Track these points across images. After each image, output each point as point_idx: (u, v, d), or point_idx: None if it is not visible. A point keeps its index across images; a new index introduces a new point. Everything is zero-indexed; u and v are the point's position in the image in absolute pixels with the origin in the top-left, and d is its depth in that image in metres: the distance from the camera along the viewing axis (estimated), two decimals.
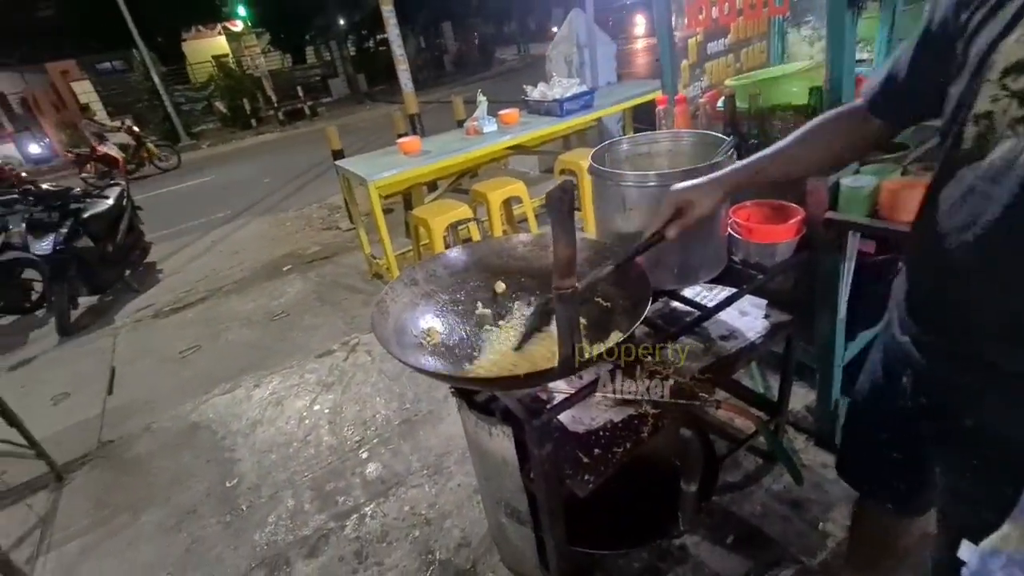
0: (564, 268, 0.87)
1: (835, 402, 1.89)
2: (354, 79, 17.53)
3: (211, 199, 7.53)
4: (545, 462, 1.18)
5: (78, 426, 2.93)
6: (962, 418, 0.84)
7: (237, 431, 2.69)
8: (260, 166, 9.23)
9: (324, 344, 3.32)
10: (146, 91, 13.21)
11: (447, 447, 2.33)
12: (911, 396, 0.93)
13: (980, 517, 0.73)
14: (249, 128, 13.84)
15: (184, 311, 4.20)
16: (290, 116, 14.08)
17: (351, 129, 10.63)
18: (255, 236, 5.70)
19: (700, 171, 1.23)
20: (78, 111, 10.87)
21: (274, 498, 2.24)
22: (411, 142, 3.62)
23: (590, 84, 4.52)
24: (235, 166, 9.76)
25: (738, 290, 1.44)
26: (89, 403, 3.13)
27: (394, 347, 1.11)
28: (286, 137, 12.32)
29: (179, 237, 6.02)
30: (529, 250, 1.46)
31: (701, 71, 2.06)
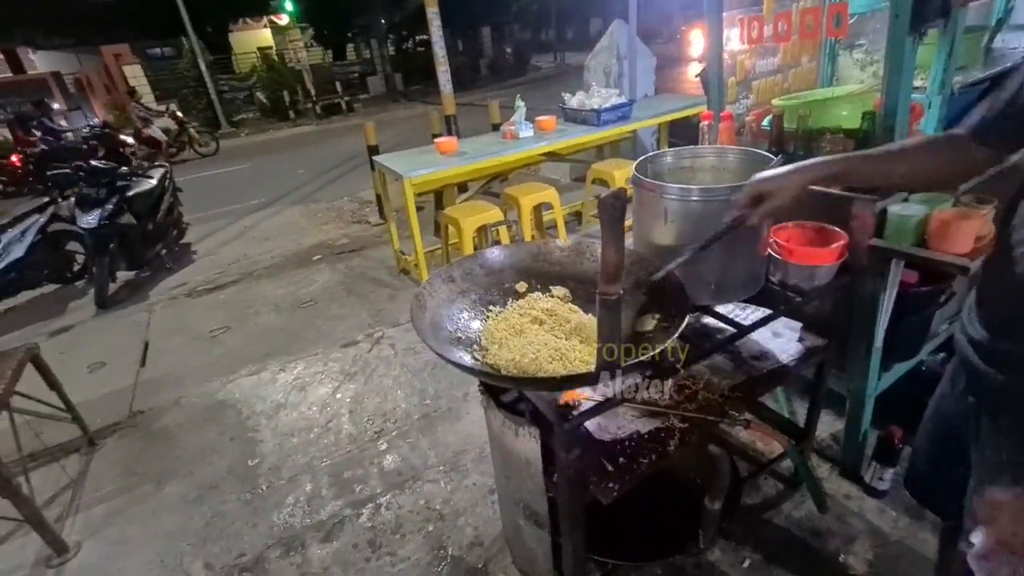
0: (611, 274, 0.88)
1: (864, 432, 1.85)
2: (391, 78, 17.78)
3: (246, 186, 7.70)
4: (571, 467, 1.18)
5: (111, 395, 3.02)
6: (1000, 416, 0.88)
7: (261, 412, 2.74)
8: (295, 157, 9.40)
9: (349, 334, 3.36)
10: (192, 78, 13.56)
11: (464, 445, 2.34)
12: (962, 395, 0.97)
13: None
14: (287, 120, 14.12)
15: (216, 292, 4.30)
16: (327, 110, 14.33)
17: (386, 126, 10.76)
18: (287, 225, 5.81)
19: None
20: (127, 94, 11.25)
21: (293, 481, 2.27)
22: (448, 142, 3.66)
23: (628, 96, 4.52)
24: (271, 156, 9.96)
25: (774, 311, 1.43)
26: (123, 374, 3.23)
27: (431, 340, 1.13)
28: (322, 130, 12.53)
29: (214, 220, 6.17)
30: (565, 256, 1.46)
31: (748, 89, 2.05)
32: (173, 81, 14.12)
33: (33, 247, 4.05)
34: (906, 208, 1.40)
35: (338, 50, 22.03)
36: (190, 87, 13.77)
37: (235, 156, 10.16)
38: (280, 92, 14.36)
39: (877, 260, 1.49)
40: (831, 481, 1.93)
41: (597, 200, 0.91)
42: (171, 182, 5.13)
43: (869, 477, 1.84)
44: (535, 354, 1.20)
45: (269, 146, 11.14)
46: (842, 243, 1.42)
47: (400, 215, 4.58)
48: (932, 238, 1.36)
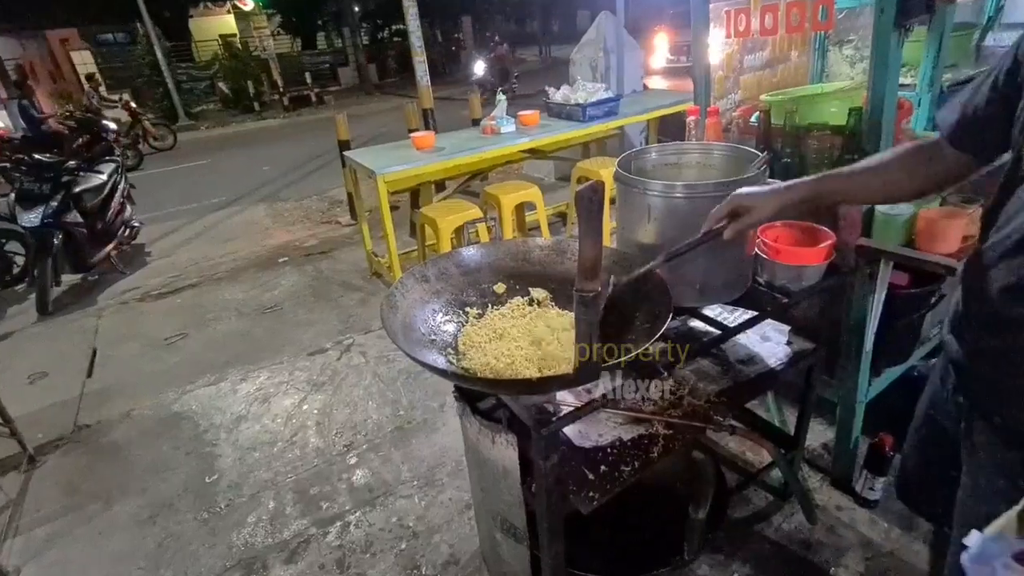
0: (589, 270, 0.90)
1: (855, 440, 1.90)
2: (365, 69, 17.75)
3: (206, 183, 7.62)
4: (549, 475, 1.20)
5: (54, 407, 2.96)
6: (991, 415, 0.92)
7: (220, 425, 2.71)
8: (260, 152, 9.33)
9: (317, 342, 3.35)
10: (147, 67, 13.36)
11: (440, 459, 2.34)
12: (952, 395, 1.01)
13: (996, 511, 0.78)
14: (251, 112, 14.01)
15: (172, 296, 4.24)
16: (295, 103, 14.26)
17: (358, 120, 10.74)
18: (250, 225, 5.76)
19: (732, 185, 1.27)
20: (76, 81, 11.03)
21: (255, 498, 2.25)
22: (425, 137, 3.68)
23: (615, 91, 4.59)
24: (234, 151, 9.87)
25: (761, 313, 1.47)
26: (67, 385, 3.16)
27: (402, 342, 1.14)
28: (289, 124, 12.46)
29: (170, 220, 6.09)
30: (546, 255, 1.49)
31: (735, 84, 2.11)
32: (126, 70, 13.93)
33: None
34: (893, 207, 1.46)
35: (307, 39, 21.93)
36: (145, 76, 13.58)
37: (194, 151, 10.04)
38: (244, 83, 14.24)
39: (865, 260, 1.55)
40: (822, 491, 1.99)
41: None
42: (123, 177, 5.05)
43: (860, 487, 1.89)
44: (511, 357, 1.22)
45: (231, 140, 11.04)
46: (830, 243, 1.47)
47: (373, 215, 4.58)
48: (919, 237, 1.42)
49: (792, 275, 1.47)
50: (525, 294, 1.43)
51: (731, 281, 1.42)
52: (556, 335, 1.29)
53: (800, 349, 1.61)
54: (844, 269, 1.57)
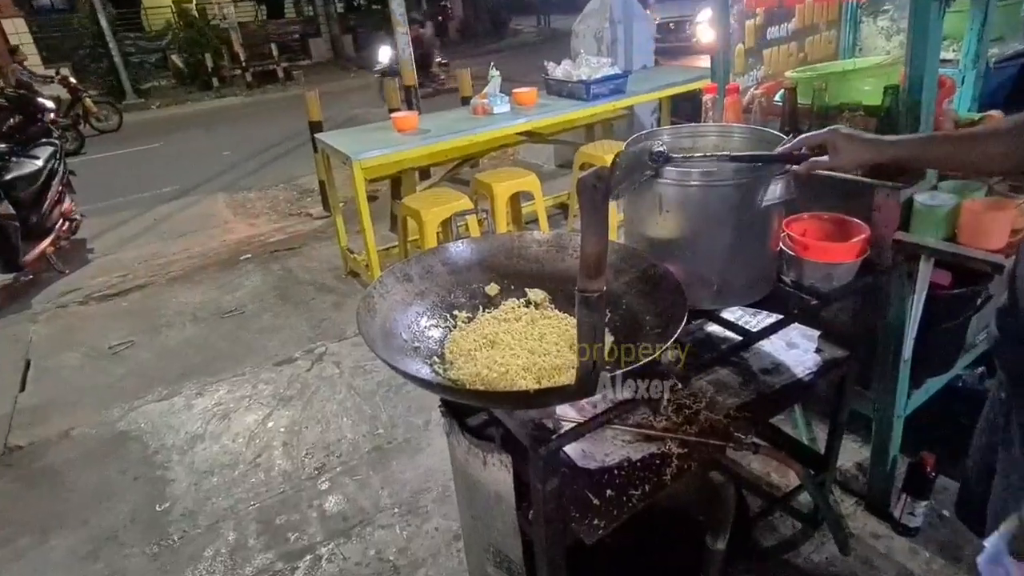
0: (593, 267, 0.90)
1: (893, 460, 1.92)
2: (339, 41, 17.72)
3: (158, 170, 7.59)
4: (549, 500, 1.20)
5: None
6: None
7: (173, 446, 2.70)
8: (219, 135, 9.32)
9: (284, 350, 3.35)
10: (90, 36, 13.29)
11: (425, 483, 2.35)
12: (996, 392, 1.06)
13: None
14: (209, 89, 13.95)
15: (118, 299, 4.23)
16: (260, 78, 14.20)
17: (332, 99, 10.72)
18: (208, 217, 5.75)
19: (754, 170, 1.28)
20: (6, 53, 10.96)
21: (212, 529, 2.24)
22: (408, 118, 3.69)
23: (623, 66, 4.61)
24: (189, 133, 9.83)
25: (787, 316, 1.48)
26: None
27: (381, 350, 1.14)
28: (253, 103, 12.44)
29: (116, 212, 6.07)
30: (544, 251, 1.49)
31: (758, 59, 2.13)
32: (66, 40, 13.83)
33: None
34: (934, 197, 1.48)
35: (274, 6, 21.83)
36: (87, 47, 13.50)
37: (143, 132, 10.00)
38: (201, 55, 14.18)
39: (903, 257, 1.56)
40: (856, 518, 2.00)
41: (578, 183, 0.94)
42: (62, 163, 5.02)
43: (899, 512, 1.91)
44: (505, 367, 1.22)
45: (187, 121, 11.00)
46: (863, 237, 1.49)
47: (348, 206, 4.59)
48: (963, 231, 1.43)
49: (822, 274, 1.49)
50: (521, 295, 1.44)
51: (754, 280, 1.43)
52: (556, 342, 1.29)
53: (831, 357, 1.62)
54: (880, 267, 1.59)
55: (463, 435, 1.37)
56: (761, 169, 1.29)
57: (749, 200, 1.29)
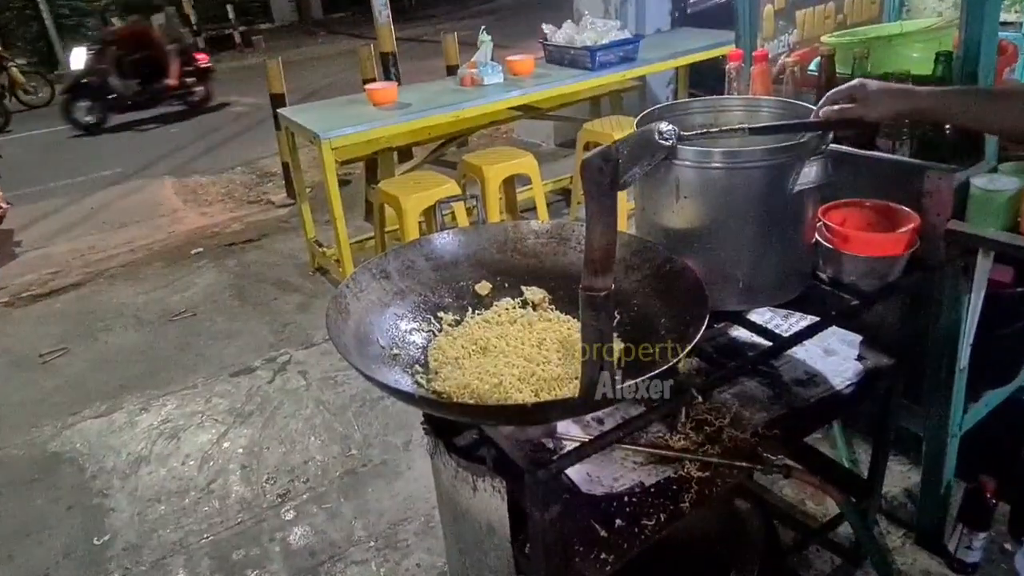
0: (599, 262, 0.90)
1: (947, 485, 1.92)
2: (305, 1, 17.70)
3: (94, 151, 7.60)
4: (549, 531, 1.20)
5: None
6: None
7: (113, 469, 2.70)
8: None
9: (242, 359, 3.35)
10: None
11: (405, 512, 2.35)
12: None
13: None
14: None
15: (49, 299, 4.22)
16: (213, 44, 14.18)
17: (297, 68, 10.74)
18: (153, 205, 5.75)
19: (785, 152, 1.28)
20: None
21: (159, 566, 2.25)
22: (385, 90, 3.69)
23: (634, 30, 4.61)
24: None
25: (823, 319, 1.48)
26: None
27: (355, 358, 1.14)
28: None
29: (46, 199, 6.08)
30: (543, 243, 1.50)
31: (790, 21, 2.13)
32: None
33: None
34: (995, 181, 1.48)
35: None
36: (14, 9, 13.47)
37: None
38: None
39: (958, 250, 1.57)
40: (904, 552, 2.01)
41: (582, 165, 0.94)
42: None
43: (954, 546, 1.91)
44: (499, 377, 1.22)
45: None
46: (912, 227, 1.49)
47: (316, 192, 4.58)
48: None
49: (864, 269, 1.48)
50: (516, 295, 1.44)
51: (785, 277, 1.43)
52: (556, 348, 1.29)
53: (875, 366, 1.63)
54: (931, 261, 1.59)
55: (450, 456, 1.37)
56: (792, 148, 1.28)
57: (779, 184, 1.29)
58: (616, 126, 3.93)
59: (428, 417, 1.45)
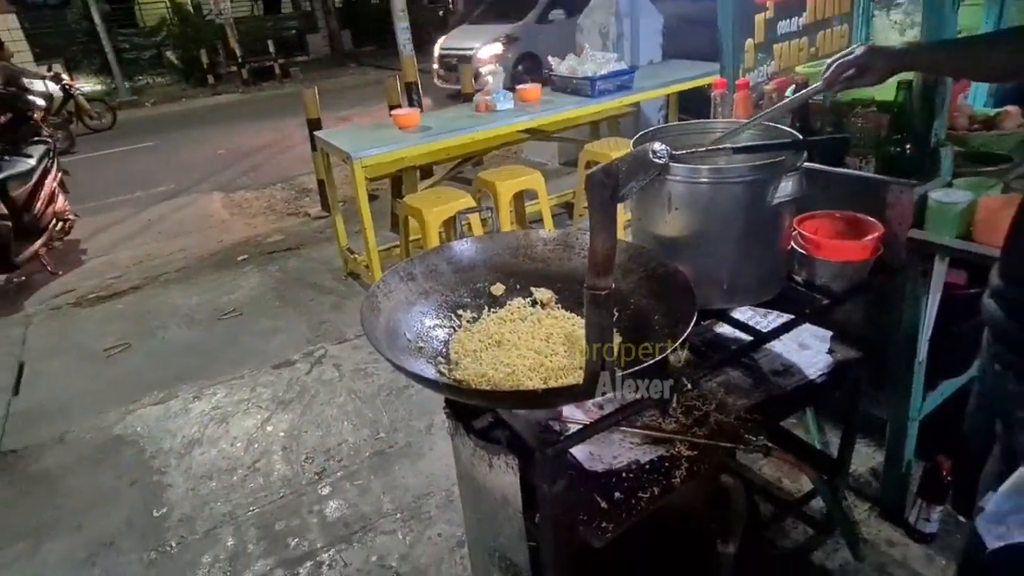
0: (601, 265, 0.92)
1: (908, 464, 1.92)
2: (337, 36, 17.78)
3: (152, 169, 7.63)
4: (556, 503, 1.21)
5: None
6: None
7: (170, 450, 2.72)
8: (215, 133, 9.34)
9: (283, 353, 3.36)
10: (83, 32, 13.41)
11: (427, 488, 2.36)
12: (989, 366, 1.08)
13: None
14: (205, 86, 14.01)
15: (112, 301, 4.24)
16: (256, 75, 14.26)
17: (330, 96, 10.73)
18: (204, 217, 5.78)
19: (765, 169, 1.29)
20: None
21: (211, 535, 2.26)
22: (409, 115, 3.70)
23: (629, 62, 4.62)
24: (184, 131, 9.86)
25: (798, 316, 1.49)
26: None
27: (385, 349, 1.16)
28: (249, 100, 12.48)
29: (109, 212, 6.11)
30: (550, 250, 1.51)
31: (768, 53, 2.14)
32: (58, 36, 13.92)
33: None
34: (949, 194, 1.49)
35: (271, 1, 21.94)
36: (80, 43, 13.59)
37: (138, 131, 10.03)
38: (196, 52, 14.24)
39: (918, 256, 1.57)
40: (870, 524, 2.01)
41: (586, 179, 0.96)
42: (55, 162, 5.05)
43: (914, 518, 1.91)
44: (512, 367, 1.24)
45: (182, 119, 11.04)
46: (877, 235, 1.50)
47: (348, 206, 4.61)
48: (979, 229, 1.44)
49: (834, 272, 1.50)
50: (527, 295, 1.45)
51: (764, 279, 1.44)
52: (562, 342, 1.30)
53: (844, 358, 1.63)
54: (894, 266, 1.60)
55: (469, 437, 1.38)
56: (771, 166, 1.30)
57: (759, 197, 1.31)
58: (614, 147, 3.94)
59: (449, 402, 1.46)
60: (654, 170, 1.14)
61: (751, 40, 2.10)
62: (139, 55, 15.38)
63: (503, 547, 1.46)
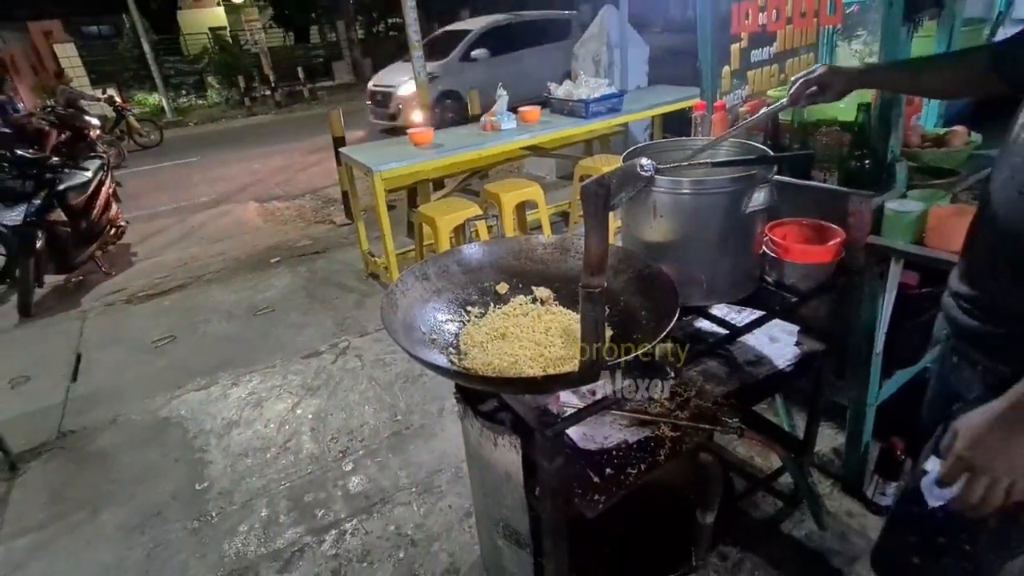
0: (595, 265, 0.92)
1: (866, 445, 1.92)
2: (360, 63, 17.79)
3: (195, 182, 7.64)
4: (553, 478, 1.22)
5: (37, 413, 2.97)
6: (977, 364, 1.00)
7: (211, 431, 2.73)
8: (251, 149, 9.36)
9: (311, 344, 3.37)
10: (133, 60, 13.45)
11: (439, 464, 2.36)
12: (947, 358, 1.08)
13: None
14: (242, 108, 14.04)
15: (159, 298, 4.26)
16: (287, 98, 14.29)
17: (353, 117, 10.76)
18: (240, 224, 5.79)
19: (739, 181, 1.30)
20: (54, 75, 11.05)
21: (247, 506, 2.27)
22: (423, 133, 3.71)
23: (619, 86, 4.62)
24: (223, 148, 9.87)
25: (769, 313, 1.49)
26: (50, 389, 3.17)
27: (403, 340, 1.16)
28: (281, 120, 12.48)
29: (157, 220, 6.12)
30: (549, 253, 1.51)
31: (743, 79, 2.14)
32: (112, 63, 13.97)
33: None
34: (903, 204, 1.49)
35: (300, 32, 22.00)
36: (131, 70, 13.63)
37: (182, 148, 10.06)
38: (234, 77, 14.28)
39: (875, 259, 1.58)
40: (832, 498, 2.01)
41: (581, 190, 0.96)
42: (109, 175, 5.07)
43: (871, 492, 1.91)
44: (515, 357, 1.24)
45: (221, 137, 11.05)
46: (839, 240, 1.50)
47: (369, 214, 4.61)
48: (930, 235, 1.44)
49: (801, 274, 1.50)
50: (528, 293, 1.46)
51: (739, 280, 1.44)
52: (560, 335, 1.31)
53: (809, 350, 1.63)
54: (854, 268, 1.60)
55: (476, 419, 1.39)
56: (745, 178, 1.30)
57: (735, 207, 1.31)
58: (605, 162, 3.93)
59: (459, 388, 1.47)
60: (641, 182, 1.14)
61: (728, 67, 2.10)
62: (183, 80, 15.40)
63: (506, 517, 1.46)
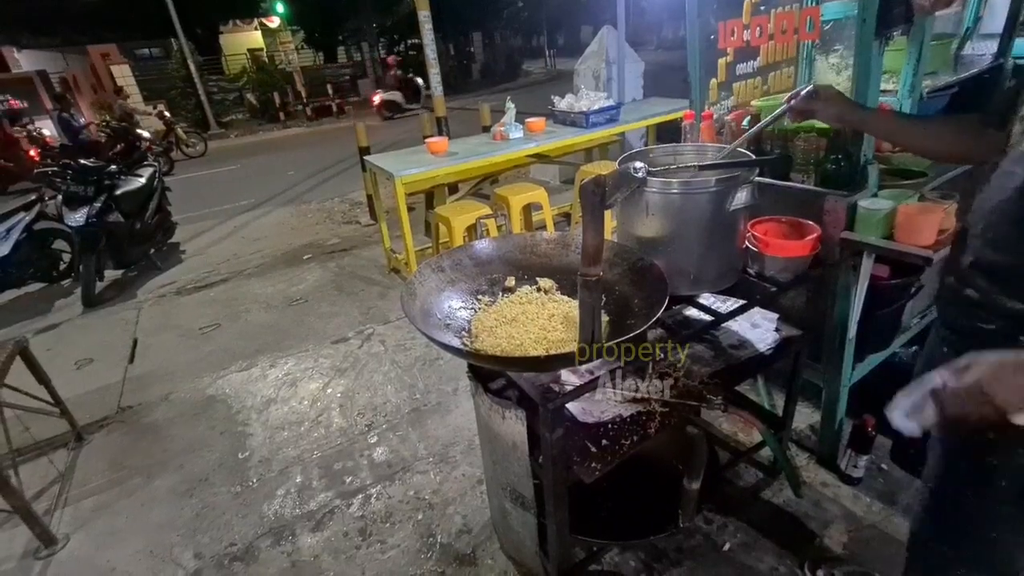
0: (592, 256, 0.93)
1: (840, 422, 1.91)
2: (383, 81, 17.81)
3: (235, 187, 7.69)
4: (555, 446, 1.23)
5: (99, 391, 3.02)
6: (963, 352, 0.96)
7: (251, 407, 2.76)
8: (285, 159, 9.40)
9: (339, 331, 3.39)
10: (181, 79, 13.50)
11: (454, 438, 2.38)
12: (939, 344, 1.06)
13: None
14: (277, 121, 14.09)
15: (205, 290, 4.30)
16: (318, 112, 14.33)
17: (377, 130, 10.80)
18: (277, 225, 5.82)
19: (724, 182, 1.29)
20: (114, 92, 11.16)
21: (283, 473, 2.30)
22: (439, 142, 3.71)
23: (616, 99, 4.59)
24: (261, 157, 9.94)
25: (750, 301, 1.49)
26: (111, 370, 3.22)
27: (421, 325, 1.17)
28: (312, 132, 12.53)
29: (202, 221, 6.16)
30: (552, 248, 1.52)
31: (729, 91, 2.12)
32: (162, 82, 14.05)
33: (18, 245, 4.03)
34: (874, 203, 1.47)
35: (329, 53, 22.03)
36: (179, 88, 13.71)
37: (224, 157, 10.13)
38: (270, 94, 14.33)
39: (848, 253, 1.56)
40: (808, 469, 2.00)
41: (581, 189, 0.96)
42: (160, 181, 5.11)
43: (844, 465, 1.91)
44: (520, 340, 1.25)
45: (259, 147, 11.11)
46: (815, 236, 1.49)
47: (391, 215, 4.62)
48: (899, 231, 1.43)
49: (780, 266, 1.49)
50: (533, 283, 1.46)
51: (723, 271, 1.44)
52: (561, 320, 1.31)
53: (788, 336, 1.63)
54: (829, 261, 1.59)
55: (486, 396, 1.40)
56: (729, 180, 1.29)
57: (720, 205, 1.31)
58: (603, 167, 3.91)
59: (471, 368, 1.48)
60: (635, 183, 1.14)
61: (715, 80, 2.08)
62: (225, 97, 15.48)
63: (513, 482, 1.47)
